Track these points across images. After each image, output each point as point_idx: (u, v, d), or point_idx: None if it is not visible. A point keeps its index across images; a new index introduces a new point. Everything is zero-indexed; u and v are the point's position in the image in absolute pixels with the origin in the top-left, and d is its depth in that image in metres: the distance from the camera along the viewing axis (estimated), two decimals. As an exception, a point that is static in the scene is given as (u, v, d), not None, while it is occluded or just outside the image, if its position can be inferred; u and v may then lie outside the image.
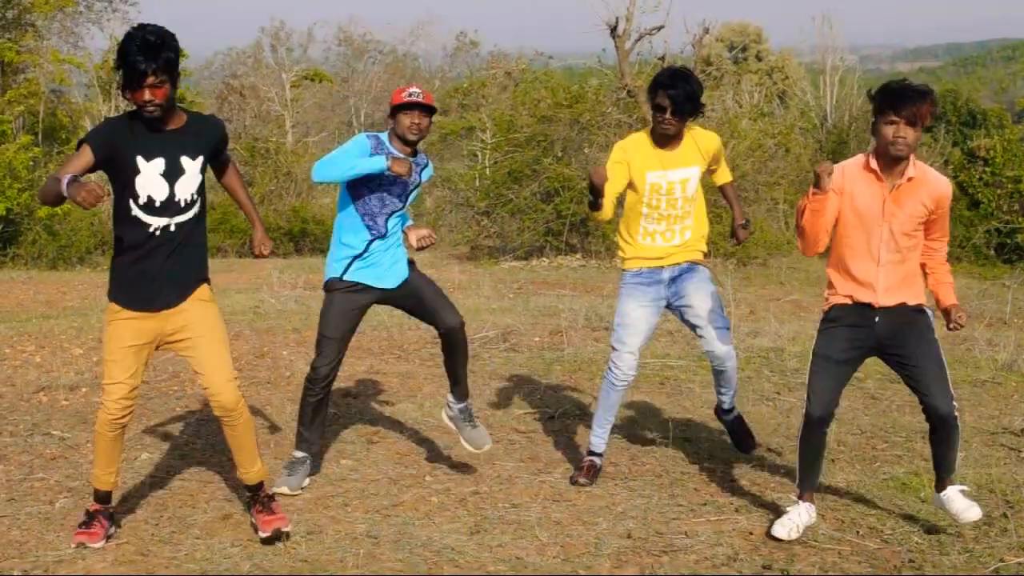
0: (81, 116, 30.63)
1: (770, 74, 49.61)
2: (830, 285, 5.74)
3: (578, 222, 22.11)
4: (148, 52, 5.08)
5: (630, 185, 6.55)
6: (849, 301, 5.64)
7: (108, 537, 5.63)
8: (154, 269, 5.37)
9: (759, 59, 51.53)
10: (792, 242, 23.97)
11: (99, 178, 5.50)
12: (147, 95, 5.13)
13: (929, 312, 5.66)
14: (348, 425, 8.03)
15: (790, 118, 33.35)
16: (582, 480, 6.65)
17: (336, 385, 9.02)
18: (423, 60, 54.88)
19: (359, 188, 6.39)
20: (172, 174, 5.30)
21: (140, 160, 5.24)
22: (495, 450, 7.37)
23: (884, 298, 5.56)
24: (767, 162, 24.97)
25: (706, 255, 6.77)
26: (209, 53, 52.48)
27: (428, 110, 6.34)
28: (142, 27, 5.20)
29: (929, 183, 5.54)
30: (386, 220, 6.43)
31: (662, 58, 26.10)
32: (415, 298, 6.56)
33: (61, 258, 22.87)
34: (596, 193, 6.26)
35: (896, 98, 5.38)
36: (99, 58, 32.78)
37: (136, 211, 5.30)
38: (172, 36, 5.23)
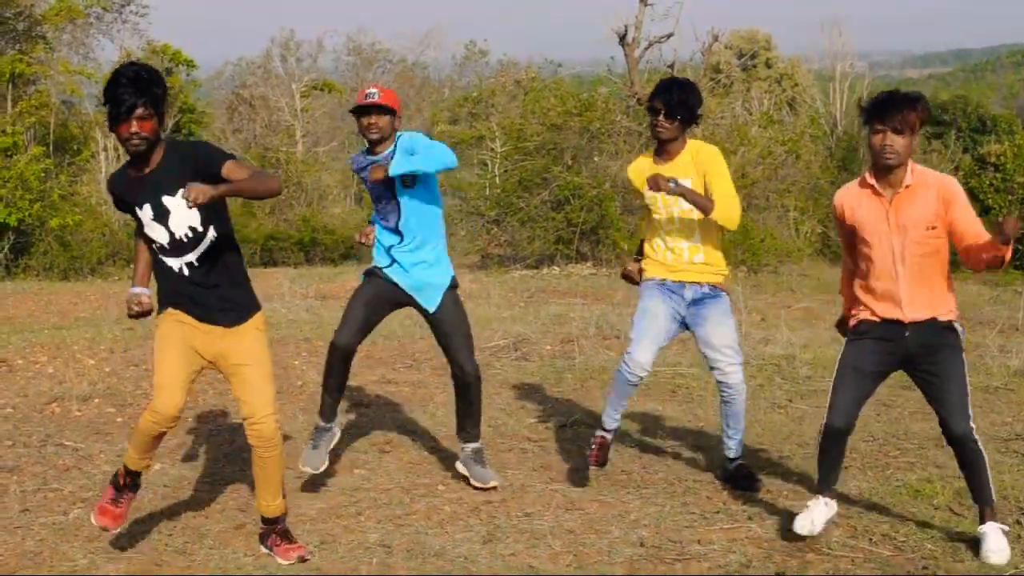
0: (92, 127, 30.74)
1: (779, 81, 49.59)
2: (856, 301, 5.68)
3: (588, 230, 22.13)
4: (136, 85, 5.11)
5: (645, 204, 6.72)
6: (876, 318, 5.58)
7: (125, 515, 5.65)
8: (201, 300, 5.41)
9: (768, 66, 51.49)
10: (803, 249, 24.00)
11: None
12: (134, 127, 5.12)
13: (959, 329, 5.60)
14: (360, 435, 8.04)
15: (800, 125, 33.33)
16: (593, 458, 6.72)
17: (347, 395, 9.03)
18: (432, 69, 54.97)
19: (371, 196, 6.65)
20: (161, 216, 5.31)
21: (137, 210, 5.34)
22: (507, 459, 7.37)
23: (911, 312, 5.49)
24: (777, 169, 24.98)
25: (726, 279, 6.74)
26: (219, 63, 52.61)
27: (384, 110, 6.42)
28: (130, 64, 5.26)
29: (929, 183, 5.47)
30: (396, 214, 6.52)
31: (671, 66, 26.15)
32: (441, 329, 6.66)
33: (73, 269, 22.97)
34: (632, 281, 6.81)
35: (881, 107, 5.37)
36: (109, 69, 32.90)
37: (159, 254, 5.40)
38: (160, 74, 5.30)
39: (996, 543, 5.46)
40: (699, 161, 6.51)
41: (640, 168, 6.68)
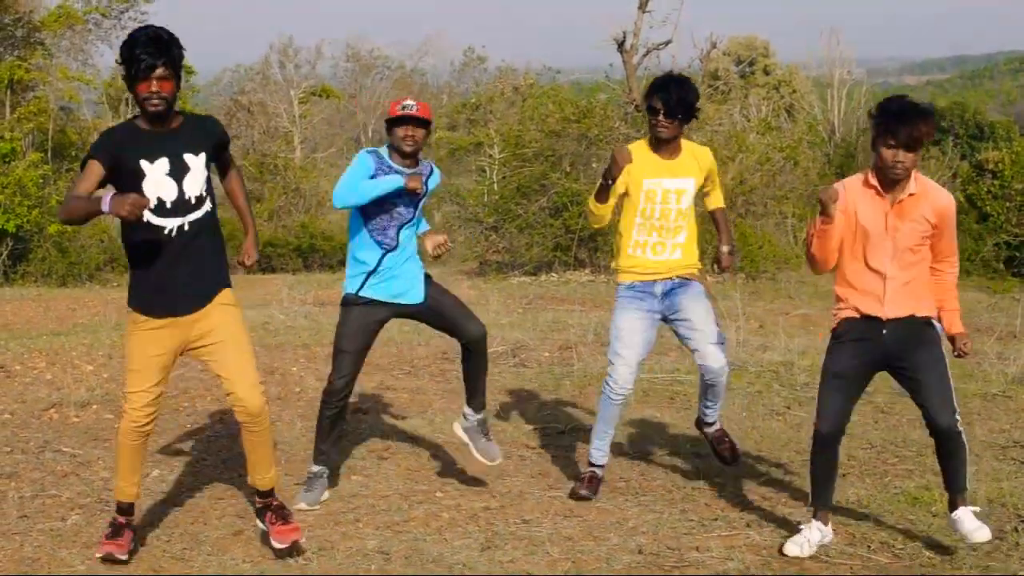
0: (90, 133, 30.69)
1: (777, 88, 49.60)
2: (838, 299, 5.70)
3: (587, 237, 22.12)
4: (157, 45, 5.17)
5: (625, 193, 6.59)
6: (856, 315, 5.60)
7: (131, 552, 5.62)
8: (174, 274, 5.37)
9: (766, 73, 51.51)
10: (801, 256, 23.98)
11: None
12: (154, 86, 5.17)
13: (938, 325, 5.62)
14: (359, 441, 8.04)
15: (798, 132, 33.29)
16: (583, 492, 6.63)
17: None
18: (431, 76, 54.99)
19: (368, 205, 6.40)
20: (178, 172, 5.31)
21: (144, 163, 5.27)
22: (505, 466, 7.37)
23: (891, 310, 5.53)
24: (775, 176, 24.96)
25: (701, 271, 6.76)
26: (217, 69, 52.65)
27: (422, 123, 6.38)
28: (148, 26, 5.31)
29: (930, 197, 5.50)
30: (397, 232, 6.44)
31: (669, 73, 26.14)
32: (436, 312, 6.58)
33: (71, 275, 22.95)
34: (612, 177, 6.32)
35: (894, 122, 5.32)
36: (108, 75, 32.93)
37: (148, 215, 5.28)
38: (176, 37, 5.32)
39: (973, 523, 5.52)
40: (702, 164, 6.66)
41: (639, 158, 6.50)
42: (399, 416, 8.87)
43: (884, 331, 5.55)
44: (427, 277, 6.62)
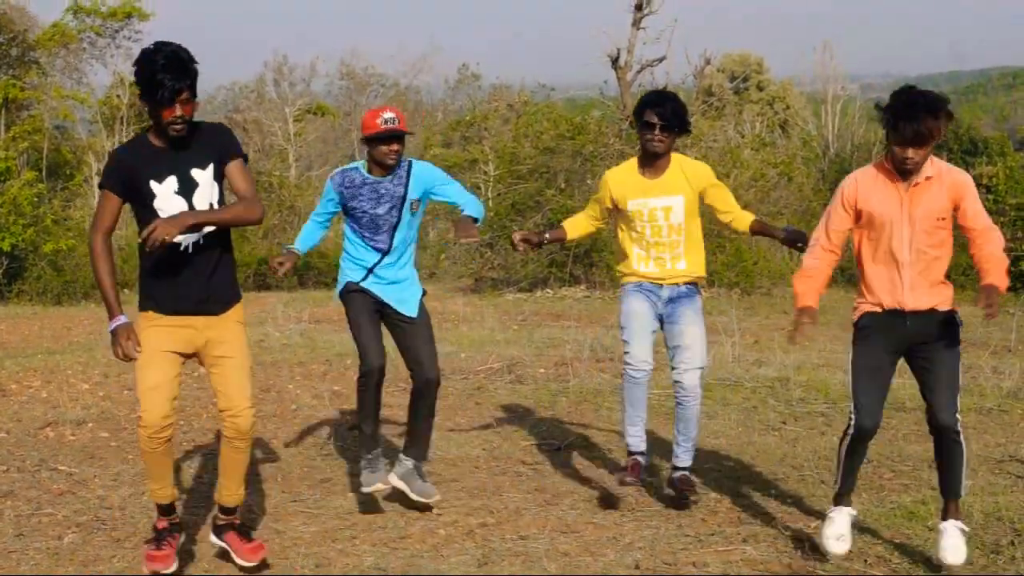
0: (85, 152, 30.77)
1: (771, 104, 49.69)
2: (860, 293, 5.70)
3: (582, 253, 22.14)
4: (178, 66, 5.09)
5: (619, 211, 6.64)
6: (879, 309, 5.60)
7: (179, 554, 5.60)
8: (188, 285, 5.34)
9: (760, 89, 51.61)
10: (796, 271, 24.04)
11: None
12: (179, 111, 5.13)
13: (959, 321, 5.62)
14: (355, 458, 8.02)
15: (792, 148, 33.38)
16: (629, 479, 6.58)
17: (341, 417, 9.04)
18: (425, 93, 54.97)
19: (352, 213, 6.56)
20: (187, 189, 5.27)
21: (153, 184, 5.25)
22: (502, 482, 7.36)
23: (912, 300, 5.51)
24: (770, 192, 25.02)
25: (704, 281, 6.78)
26: (212, 87, 52.52)
27: (403, 137, 6.42)
28: (163, 44, 5.17)
29: (945, 176, 5.49)
30: (390, 235, 6.50)
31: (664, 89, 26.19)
32: (410, 336, 6.64)
33: (66, 293, 22.94)
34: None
35: (901, 119, 5.32)
36: (102, 94, 32.95)
37: None
38: (191, 52, 5.24)
39: (952, 541, 5.49)
40: (692, 178, 6.59)
41: (624, 179, 6.62)
42: (394, 432, 8.85)
43: (908, 322, 5.54)
44: (423, 294, 6.68)
